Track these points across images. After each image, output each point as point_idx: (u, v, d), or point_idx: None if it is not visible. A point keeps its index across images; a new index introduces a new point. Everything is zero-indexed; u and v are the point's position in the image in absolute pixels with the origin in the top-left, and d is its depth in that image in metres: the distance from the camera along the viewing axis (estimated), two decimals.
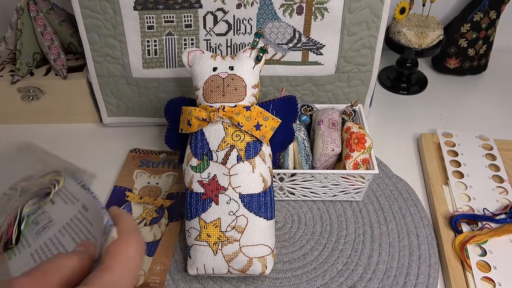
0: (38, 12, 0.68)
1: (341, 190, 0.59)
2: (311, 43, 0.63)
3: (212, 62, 0.53)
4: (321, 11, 0.61)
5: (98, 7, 0.60)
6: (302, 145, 0.57)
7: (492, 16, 0.79)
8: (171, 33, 0.63)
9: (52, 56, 0.70)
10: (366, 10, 0.61)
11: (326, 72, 0.66)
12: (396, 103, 0.81)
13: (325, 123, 0.58)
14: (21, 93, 0.71)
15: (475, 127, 0.73)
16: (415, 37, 0.75)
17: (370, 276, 0.52)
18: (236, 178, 0.49)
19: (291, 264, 0.54)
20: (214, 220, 0.49)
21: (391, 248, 0.55)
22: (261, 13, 0.61)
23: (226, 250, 0.48)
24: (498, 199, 0.59)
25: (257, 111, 0.51)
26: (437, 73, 0.87)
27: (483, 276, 0.51)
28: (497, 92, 0.83)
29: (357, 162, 0.56)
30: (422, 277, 0.52)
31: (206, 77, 0.52)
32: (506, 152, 0.67)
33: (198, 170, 0.50)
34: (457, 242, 0.54)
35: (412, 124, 0.75)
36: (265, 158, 0.51)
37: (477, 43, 0.82)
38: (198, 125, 0.51)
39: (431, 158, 0.66)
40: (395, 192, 0.62)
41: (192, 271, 0.49)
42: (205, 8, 0.61)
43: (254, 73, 0.53)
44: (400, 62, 0.82)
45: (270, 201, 0.50)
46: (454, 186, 0.61)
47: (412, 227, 0.58)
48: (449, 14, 0.87)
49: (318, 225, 0.58)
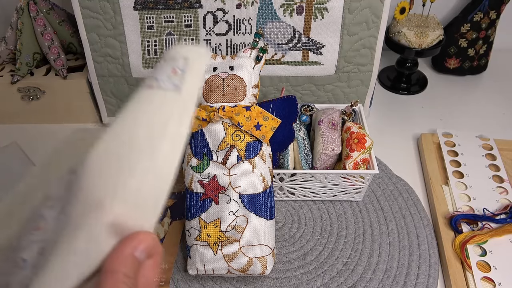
0: (38, 12, 0.68)
1: (341, 190, 0.59)
2: (311, 43, 0.63)
3: (212, 62, 0.53)
4: (321, 11, 0.61)
5: (98, 7, 0.60)
6: (302, 145, 0.57)
7: (492, 16, 0.79)
8: (171, 33, 0.63)
9: (52, 56, 0.70)
10: (366, 10, 0.61)
11: (326, 72, 0.66)
12: (396, 103, 0.81)
13: (325, 123, 0.58)
14: (21, 93, 0.71)
15: (475, 127, 0.73)
16: (415, 37, 0.75)
17: (370, 276, 0.52)
18: (236, 178, 0.49)
19: (291, 264, 0.54)
20: (214, 220, 0.49)
21: (391, 248, 0.55)
22: (261, 13, 0.61)
23: (226, 250, 0.48)
24: (498, 199, 0.59)
25: (257, 111, 0.51)
26: (437, 73, 0.87)
27: (483, 276, 0.51)
28: (497, 92, 0.83)
29: (357, 162, 0.56)
30: (422, 277, 0.52)
31: (206, 77, 0.52)
32: (506, 152, 0.67)
33: (198, 170, 0.50)
34: (457, 242, 0.54)
35: (412, 124, 0.75)
36: (265, 158, 0.51)
37: (477, 43, 0.82)
38: (198, 125, 0.51)
39: (431, 158, 0.66)
40: (395, 192, 0.62)
41: (192, 271, 0.49)
42: (205, 8, 0.61)
43: (254, 73, 0.53)
44: (400, 62, 0.82)
45: (270, 201, 0.50)
46: (454, 186, 0.61)
47: (412, 227, 0.58)
48: (449, 14, 0.87)
49: (318, 225, 0.58)
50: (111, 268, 0.23)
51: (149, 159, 0.24)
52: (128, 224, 0.23)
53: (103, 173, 0.24)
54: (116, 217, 0.23)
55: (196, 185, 0.50)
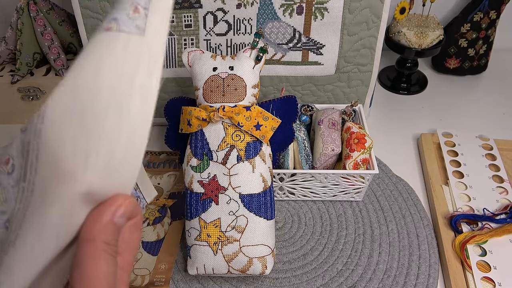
0: (38, 12, 0.68)
1: (341, 190, 0.59)
2: (311, 43, 0.63)
3: (212, 62, 0.53)
4: (321, 11, 0.61)
5: (98, 7, 0.60)
6: (302, 145, 0.57)
7: (492, 16, 0.79)
8: (171, 33, 0.63)
9: (52, 56, 0.70)
10: (366, 10, 0.61)
11: (326, 72, 0.66)
12: (396, 103, 0.81)
13: (325, 123, 0.58)
14: (21, 93, 0.71)
15: (475, 127, 0.73)
16: (415, 37, 0.75)
17: (370, 276, 0.52)
18: (236, 178, 0.49)
19: (291, 264, 0.54)
20: (214, 220, 0.49)
21: (391, 248, 0.55)
22: (261, 13, 0.61)
23: (226, 250, 0.48)
24: (498, 199, 0.59)
25: (257, 111, 0.51)
26: (437, 73, 0.87)
27: (483, 276, 0.51)
28: (497, 92, 0.83)
29: (357, 162, 0.56)
30: (422, 277, 0.52)
31: (206, 77, 0.52)
32: (506, 152, 0.67)
33: (198, 170, 0.50)
34: (457, 242, 0.54)
35: (412, 124, 0.75)
36: (265, 158, 0.51)
37: (477, 43, 0.82)
38: (198, 125, 0.51)
39: (431, 158, 0.66)
40: (395, 192, 0.62)
41: (192, 271, 0.49)
42: (205, 8, 0.61)
43: (254, 73, 0.53)
44: (400, 62, 0.82)
45: (270, 201, 0.50)
46: (454, 186, 0.61)
47: (412, 227, 0.58)
48: (449, 14, 0.87)
49: (318, 225, 0.58)
50: (89, 236, 0.21)
51: (118, 118, 0.21)
52: (103, 191, 0.21)
53: (67, 136, 0.21)
54: (90, 186, 0.21)
55: (196, 185, 0.50)
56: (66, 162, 0.21)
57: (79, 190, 0.21)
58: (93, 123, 0.21)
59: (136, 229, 0.24)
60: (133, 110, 0.21)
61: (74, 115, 0.21)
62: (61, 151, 0.21)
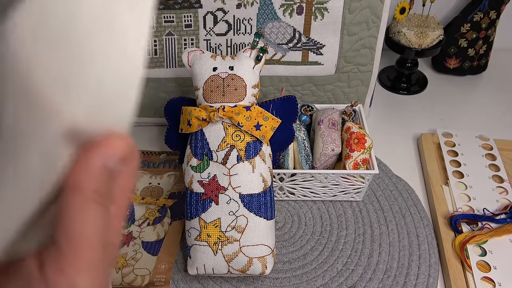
0: None
1: (341, 190, 0.59)
2: (311, 43, 0.63)
3: (212, 62, 0.53)
4: (321, 11, 0.61)
5: None
6: (302, 145, 0.57)
7: (492, 16, 0.79)
8: (171, 33, 0.63)
9: None
10: (366, 10, 0.61)
11: (326, 72, 0.66)
12: (396, 103, 0.81)
13: (325, 123, 0.58)
14: None
15: (475, 127, 0.73)
16: (415, 37, 0.75)
17: (370, 276, 0.52)
18: (236, 178, 0.49)
19: (291, 264, 0.54)
20: (214, 220, 0.49)
21: (391, 248, 0.55)
22: (261, 13, 0.61)
23: (226, 250, 0.48)
24: (498, 199, 0.59)
25: (257, 111, 0.51)
26: (437, 73, 0.87)
27: (483, 276, 0.51)
28: (497, 92, 0.83)
29: (357, 162, 0.56)
30: (422, 277, 0.52)
31: (206, 77, 0.52)
32: (506, 152, 0.67)
33: (198, 170, 0.50)
34: (457, 242, 0.54)
35: (412, 124, 0.75)
36: (265, 158, 0.51)
37: (477, 43, 0.82)
38: (198, 125, 0.51)
39: (431, 158, 0.66)
40: (395, 192, 0.62)
41: (192, 271, 0.49)
42: (205, 8, 0.61)
43: (254, 73, 0.53)
44: (400, 62, 0.82)
45: (270, 201, 0.50)
46: (454, 186, 0.61)
47: (412, 227, 0.58)
48: (449, 14, 0.87)
49: (318, 225, 0.58)
50: (76, 184, 0.17)
51: (108, 35, 0.16)
52: (93, 128, 0.17)
53: (44, 59, 0.16)
54: (76, 122, 0.17)
55: (196, 185, 0.50)
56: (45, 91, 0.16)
57: (63, 128, 0.17)
58: (76, 41, 0.16)
59: (132, 173, 0.20)
60: (125, 24, 0.17)
61: (48, 35, 0.16)
62: (38, 76, 0.16)
